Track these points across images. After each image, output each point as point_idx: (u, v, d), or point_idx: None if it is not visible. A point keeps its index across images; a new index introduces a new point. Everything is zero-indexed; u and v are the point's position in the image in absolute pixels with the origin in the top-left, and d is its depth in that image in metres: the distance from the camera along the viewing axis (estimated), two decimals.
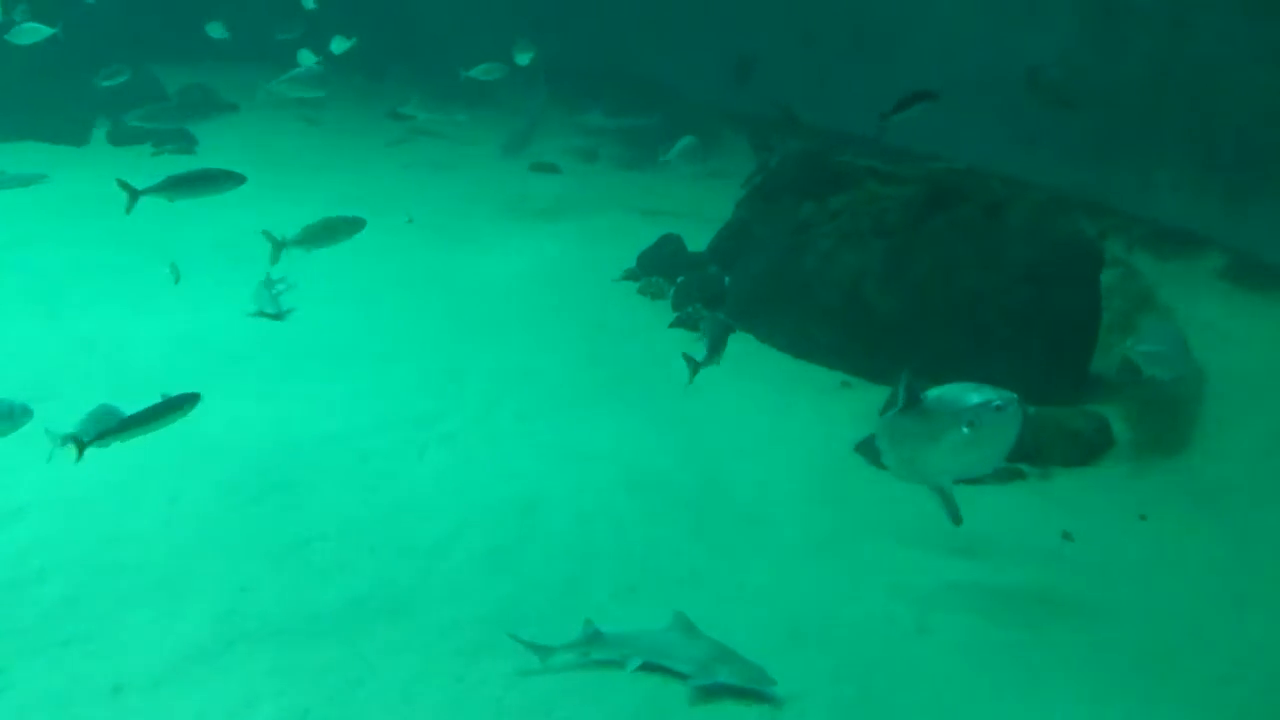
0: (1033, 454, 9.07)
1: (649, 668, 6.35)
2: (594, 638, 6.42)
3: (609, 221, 14.93)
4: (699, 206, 14.77)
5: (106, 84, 14.73)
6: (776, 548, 7.78)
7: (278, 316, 11.11)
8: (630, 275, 12.97)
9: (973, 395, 6.51)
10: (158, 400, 6.79)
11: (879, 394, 9.81)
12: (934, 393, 6.70)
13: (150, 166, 16.47)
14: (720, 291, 12.22)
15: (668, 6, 18.88)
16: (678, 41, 18.79)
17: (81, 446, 6.56)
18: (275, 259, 9.04)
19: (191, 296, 11.21)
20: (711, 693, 6.19)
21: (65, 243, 12.70)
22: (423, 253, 13.25)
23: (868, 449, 9.16)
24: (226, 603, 6.75)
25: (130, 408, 6.87)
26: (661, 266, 12.92)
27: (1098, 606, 7.30)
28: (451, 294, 12.18)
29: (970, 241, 10.57)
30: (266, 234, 9.01)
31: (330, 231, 9.12)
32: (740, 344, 11.30)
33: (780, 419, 9.78)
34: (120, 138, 17.54)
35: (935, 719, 6.20)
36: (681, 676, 6.29)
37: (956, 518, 6.99)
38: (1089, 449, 9.30)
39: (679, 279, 12.61)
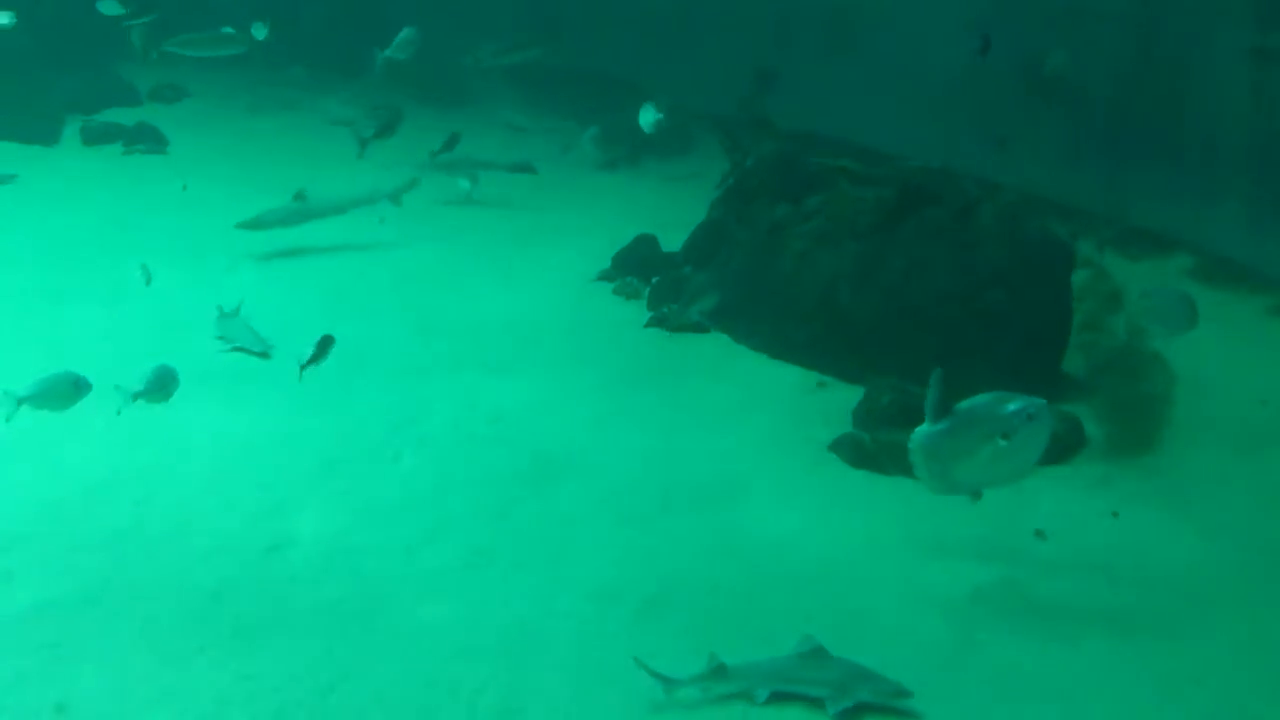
0: None
1: (780, 697, 6.26)
2: (719, 671, 6.25)
3: (581, 220, 14.94)
4: (673, 207, 14.80)
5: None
6: (749, 548, 7.80)
7: (265, 355, 10.24)
8: (605, 276, 12.99)
9: (1005, 405, 6.57)
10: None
11: (854, 394, 9.87)
12: (965, 405, 6.74)
13: (121, 166, 16.41)
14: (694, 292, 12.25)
15: (640, 6, 18.92)
16: (651, 42, 18.83)
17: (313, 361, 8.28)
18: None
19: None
20: (853, 714, 6.14)
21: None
22: (389, 252, 13.20)
23: (842, 448, 9.23)
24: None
25: None
26: (636, 267, 12.95)
27: (1069, 605, 7.37)
28: (421, 296, 12.16)
29: (942, 243, 10.64)
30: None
31: None
32: (716, 344, 11.39)
33: (755, 417, 9.81)
34: (92, 137, 17.42)
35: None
36: (817, 701, 6.21)
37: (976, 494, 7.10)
38: (1061, 448, 9.35)
39: (654, 279, 12.64)
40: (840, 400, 9.99)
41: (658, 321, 11.84)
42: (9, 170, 15.29)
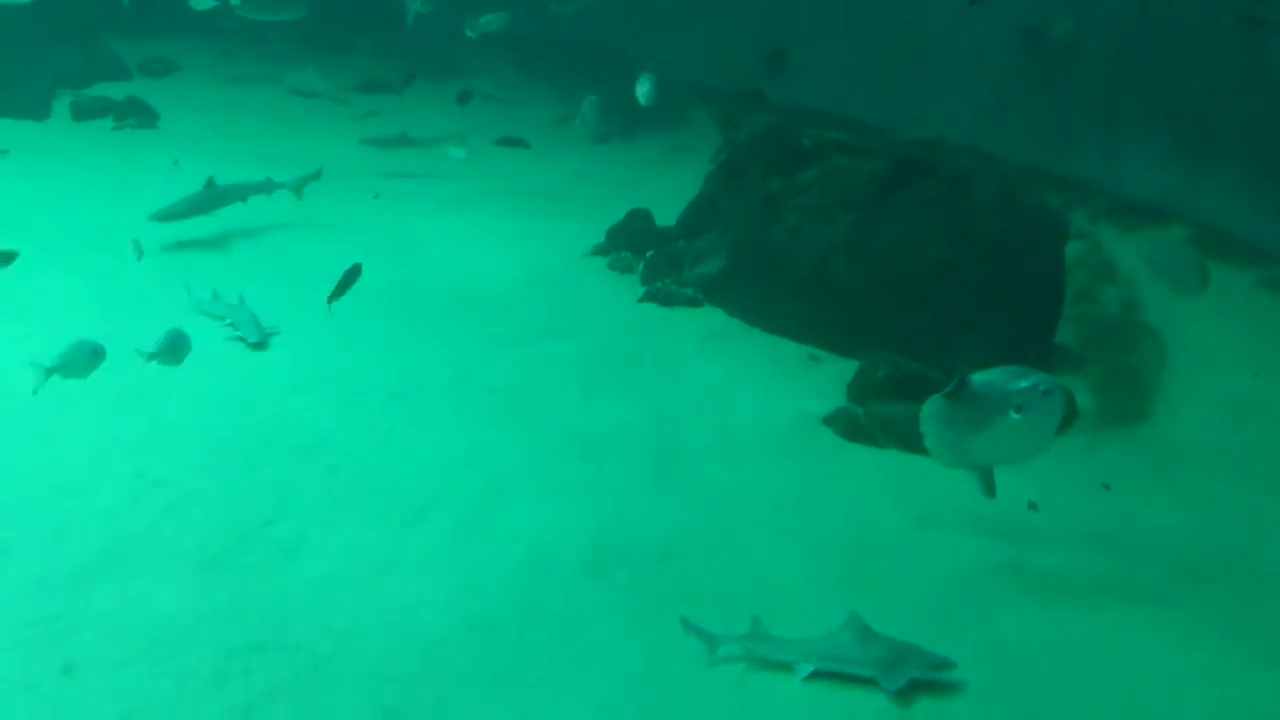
0: None
1: (821, 675, 6.28)
2: (761, 635, 6.30)
3: (575, 194, 14.91)
4: (667, 180, 14.76)
5: None
6: (742, 520, 7.83)
7: (261, 345, 9.90)
8: (600, 250, 12.97)
9: (1019, 380, 6.57)
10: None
11: (848, 367, 9.89)
12: (979, 378, 6.74)
13: (112, 141, 16.31)
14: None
15: None
16: (645, 15, 18.74)
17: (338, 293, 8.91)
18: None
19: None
20: (907, 691, 6.18)
21: None
22: (388, 227, 13.17)
23: (835, 421, 9.25)
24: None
25: None
26: (630, 241, 12.93)
27: (1061, 576, 7.41)
28: (418, 269, 12.13)
29: (936, 215, 10.63)
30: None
31: None
32: (709, 318, 11.39)
33: (748, 391, 9.82)
34: (82, 112, 17.32)
35: None
36: (864, 681, 6.23)
37: (991, 489, 7.10)
38: None
39: (648, 253, 12.63)
40: (834, 373, 10.01)
41: (651, 296, 11.83)
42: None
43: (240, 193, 12.40)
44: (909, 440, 8.95)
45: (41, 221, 12.26)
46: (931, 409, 6.96)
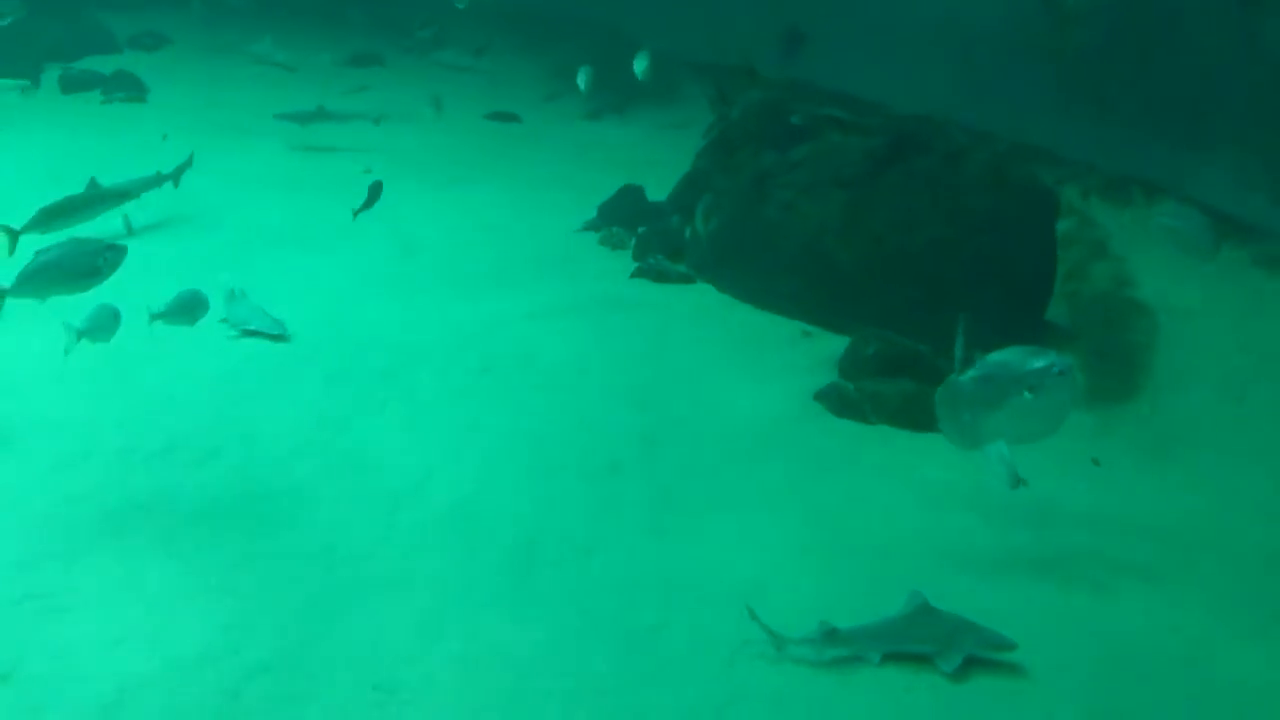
0: None
1: (892, 657, 6.28)
2: (830, 635, 6.26)
3: (567, 170, 14.88)
4: (659, 156, 14.73)
5: None
6: (734, 497, 7.85)
7: (281, 337, 9.54)
8: (591, 226, 12.95)
9: (1034, 360, 6.56)
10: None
11: (839, 343, 9.89)
12: (993, 357, 6.72)
13: (101, 114, 16.25)
14: (681, 242, 12.23)
15: None
16: None
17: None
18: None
19: None
20: (963, 669, 6.18)
21: None
22: (379, 205, 13.11)
23: (827, 397, 9.26)
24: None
25: None
26: (622, 217, 12.91)
27: (1051, 553, 7.45)
28: (409, 243, 12.11)
29: (929, 191, 10.62)
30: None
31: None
32: (702, 295, 11.39)
33: (741, 367, 9.82)
34: (71, 85, 17.24)
35: None
36: (925, 658, 6.25)
37: (1015, 481, 7.04)
38: None
39: (640, 230, 12.61)
40: (826, 349, 10.01)
41: (644, 272, 11.83)
42: None
43: (123, 193, 11.33)
44: (899, 416, 9.01)
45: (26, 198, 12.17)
46: (946, 389, 6.95)
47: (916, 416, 8.92)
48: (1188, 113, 12.91)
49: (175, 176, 12.11)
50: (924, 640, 6.29)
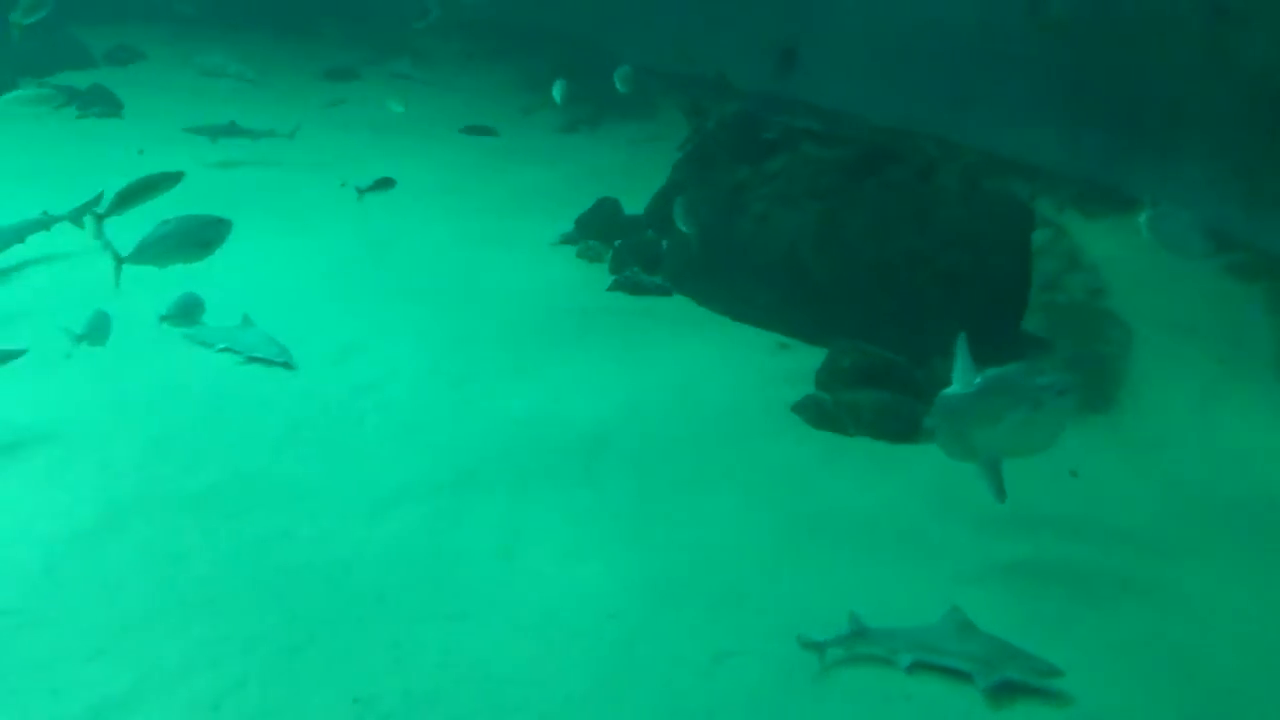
0: None
1: (921, 666, 6.23)
2: (860, 633, 6.25)
3: (544, 184, 14.86)
4: (635, 169, 14.73)
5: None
6: (712, 508, 7.83)
7: (287, 365, 9.36)
8: (568, 239, 12.94)
9: (1035, 378, 6.63)
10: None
11: (816, 355, 9.89)
12: (993, 373, 6.78)
13: (76, 130, 16.15)
14: (657, 255, 12.23)
15: None
16: (611, 4, 18.69)
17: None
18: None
19: None
20: (1001, 691, 6.09)
21: None
22: (355, 221, 13.07)
23: (804, 409, 9.26)
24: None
25: None
26: (599, 230, 12.90)
27: (1029, 562, 7.44)
28: (382, 257, 12.06)
29: (903, 203, 10.66)
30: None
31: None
32: (678, 307, 11.38)
33: (719, 379, 9.82)
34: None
35: None
36: (961, 675, 6.16)
37: (1001, 494, 7.07)
38: None
39: (616, 242, 12.61)
40: (802, 361, 10.01)
41: (620, 285, 11.82)
42: None
43: (14, 234, 10.77)
44: (876, 427, 9.01)
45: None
46: (944, 402, 6.98)
47: (892, 426, 8.96)
48: (1161, 123, 12.99)
49: (77, 217, 11.03)
50: (961, 656, 6.19)
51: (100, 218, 8.73)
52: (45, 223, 10.98)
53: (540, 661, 6.17)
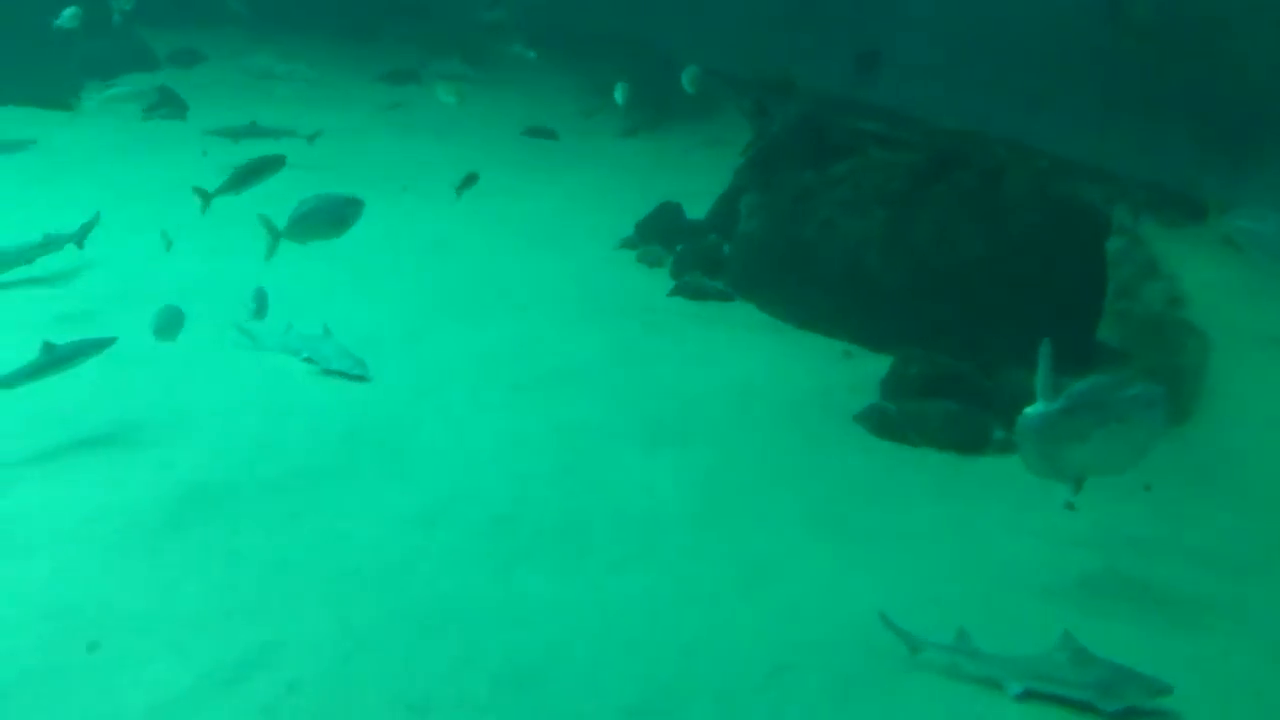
0: None
1: (1033, 695, 5.96)
2: (969, 650, 6.04)
3: (604, 187, 14.76)
4: (696, 173, 14.60)
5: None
6: (776, 519, 7.66)
7: (362, 378, 9.17)
8: (628, 243, 12.82)
9: (1123, 390, 6.42)
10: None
11: (880, 363, 9.71)
12: (1079, 387, 6.57)
13: (139, 131, 16.27)
14: (720, 260, 12.07)
15: None
16: (678, 7, 18.56)
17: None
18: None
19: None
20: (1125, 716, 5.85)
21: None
22: (420, 224, 13.04)
23: (867, 418, 9.06)
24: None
25: None
26: (660, 234, 12.78)
27: (1099, 579, 7.19)
28: (447, 261, 12.02)
29: (972, 209, 10.43)
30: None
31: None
32: (740, 313, 11.23)
33: (782, 387, 9.64)
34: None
35: None
36: (1077, 706, 5.90)
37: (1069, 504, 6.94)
38: None
39: (678, 247, 12.47)
40: (867, 369, 9.83)
41: (681, 290, 11.67)
42: (28, 135, 15.15)
43: (16, 257, 10.49)
44: (941, 438, 8.80)
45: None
46: (1029, 419, 6.74)
47: (960, 437, 8.74)
48: (1237, 129, 12.67)
49: (80, 238, 10.86)
50: (1077, 685, 5.92)
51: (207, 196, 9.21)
52: (47, 245, 10.67)
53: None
